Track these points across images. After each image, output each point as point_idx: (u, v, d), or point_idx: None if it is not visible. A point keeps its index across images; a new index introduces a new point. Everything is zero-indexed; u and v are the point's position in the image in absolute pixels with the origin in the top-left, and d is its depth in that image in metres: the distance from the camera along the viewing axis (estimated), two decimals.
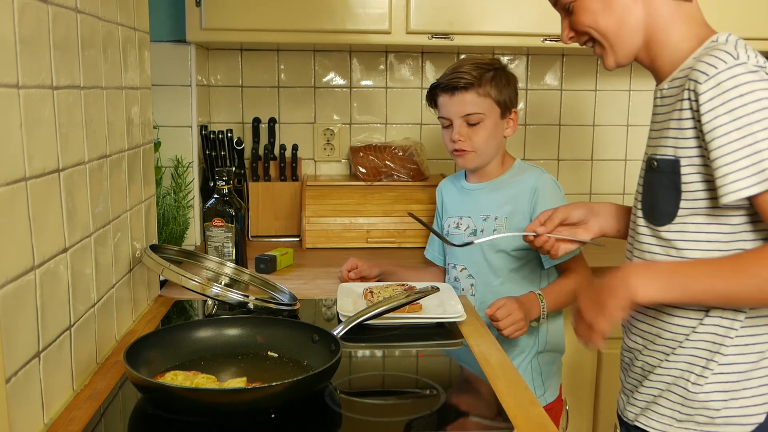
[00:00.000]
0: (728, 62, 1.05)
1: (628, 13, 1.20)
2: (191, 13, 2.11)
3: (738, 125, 1.03)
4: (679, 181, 1.13)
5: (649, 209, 1.20)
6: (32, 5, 0.97)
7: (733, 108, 1.04)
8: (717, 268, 1.09)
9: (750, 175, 1.03)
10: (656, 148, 1.19)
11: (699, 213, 1.13)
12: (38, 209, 0.99)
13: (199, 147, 2.29)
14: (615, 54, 1.24)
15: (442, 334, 1.46)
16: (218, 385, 1.11)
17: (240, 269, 1.68)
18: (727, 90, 1.04)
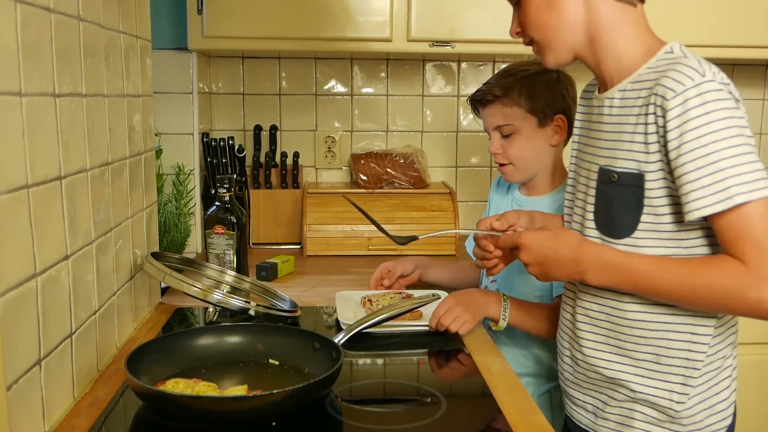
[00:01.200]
0: (695, 79, 1.05)
1: (569, 10, 1.18)
2: (193, 21, 2.12)
3: (703, 142, 1.03)
4: (643, 195, 1.13)
5: (604, 221, 1.19)
6: (35, 13, 0.97)
7: (698, 125, 1.04)
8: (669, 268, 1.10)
9: (712, 193, 1.03)
10: (611, 159, 1.17)
11: (660, 229, 1.13)
12: (40, 217, 0.99)
13: (201, 154, 2.29)
14: (553, 51, 1.22)
15: (443, 342, 1.46)
16: (219, 392, 1.11)
17: (240, 277, 1.68)
18: (694, 107, 1.04)
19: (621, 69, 1.18)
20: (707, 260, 1.10)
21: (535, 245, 1.19)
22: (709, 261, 1.09)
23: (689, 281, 1.07)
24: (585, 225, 1.23)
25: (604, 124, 1.21)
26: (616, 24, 1.17)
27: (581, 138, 1.31)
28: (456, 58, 2.54)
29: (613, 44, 1.17)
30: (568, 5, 1.18)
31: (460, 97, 2.58)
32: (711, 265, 1.07)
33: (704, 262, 1.09)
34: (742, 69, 2.67)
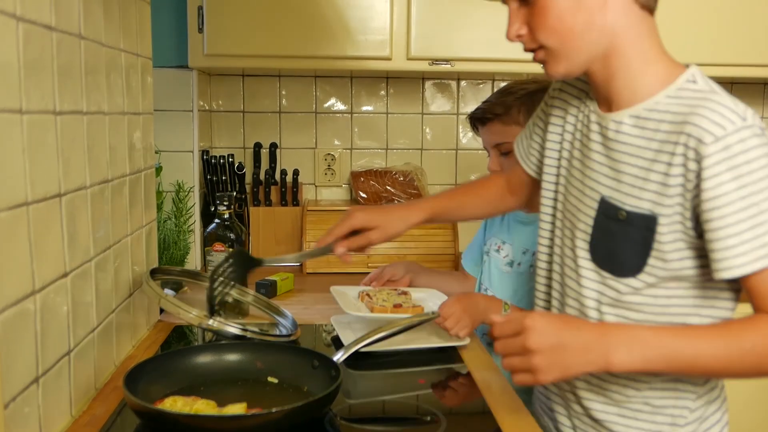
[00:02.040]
0: (736, 123, 0.96)
1: (596, 14, 1.04)
2: (194, 40, 2.13)
3: (743, 194, 0.94)
4: (653, 239, 1.03)
5: (606, 257, 1.09)
6: (37, 31, 0.98)
7: (740, 175, 0.94)
8: (706, 339, 0.97)
9: (752, 250, 0.94)
10: (617, 193, 1.07)
11: (666, 275, 1.05)
12: (39, 234, 0.99)
13: (201, 172, 2.29)
14: (568, 60, 1.06)
15: (443, 360, 1.46)
16: (218, 410, 1.10)
17: (243, 290, 1.67)
18: (736, 155, 0.94)
19: (634, 90, 1.06)
20: (748, 323, 0.97)
21: (549, 327, 0.98)
22: (750, 323, 0.97)
23: (737, 349, 0.95)
24: (577, 254, 1.13)
25: (607, 149, 1.10)
26: (637, 35, 1.05)
27: (573, 152, 1.18)
28: (455, 76, 2.56)
29: (630, 60, 1.06)
30: (597, 9, 1.03)
31: (460, 115, 2.59)
32: (753, 326, 0.96)
33: (745, 326, 0.97)
34: (741, 87, 2.68)
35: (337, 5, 2.14)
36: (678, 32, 2.22)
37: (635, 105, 1.06)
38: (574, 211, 1.16)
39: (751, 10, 2.23)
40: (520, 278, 1.70)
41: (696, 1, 2.22)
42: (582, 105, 1.18)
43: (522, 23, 1.07)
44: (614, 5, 1.03)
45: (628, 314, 1.09)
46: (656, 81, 1.05)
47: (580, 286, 1.14)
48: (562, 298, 1.20)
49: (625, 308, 1.10)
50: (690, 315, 1.07)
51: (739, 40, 2.24)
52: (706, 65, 2.30)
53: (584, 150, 1.15)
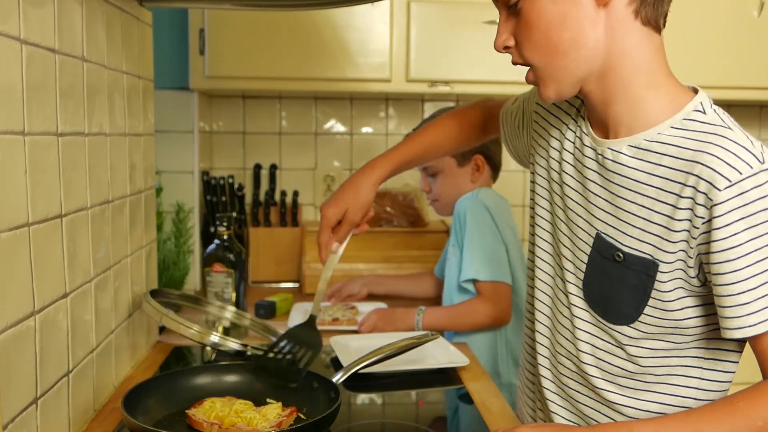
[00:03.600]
0: (754, 167, 0.86)
1: (588, 31, 0.93)
2: (195, 62, 2.15)
3: (759, 245, 0.86)
4: (652, 285, 0.94)
5: (598, 299, 1.01)
6: (40, 54, 0.99)
7: (755, 224, 0.85)
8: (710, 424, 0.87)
9: (764, 308, 0.86)
10: (614, 231, 0.97)
11: (664, 325, 0.96)
12: (40, 255, 0.99)
13: (201, 193, 2.30)
14: (557, 82, 0.97)
15: (442, 381, 1.45)
16: (256, 410, 1.13)
17: (241, 313, 1.67)
18: (752, 202, 0.85)
19: (634, 117, 0.96)
20: (756, 396, 0.87)
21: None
22: (758, 395, 0.87)
23: (746, 425, 0.86)
24: (569, 291, 1.04)
25: (604, 179, 0.99)
26: (640, 54, 0.94)
27: (563, 177, 1.07)
28: (454, 98, 2.57)
29: (633, 83, 0.95)
30: (588, 24, 0.93)
31: None
32: (761, 398, 0.87)
33: (754, 401, 0.86)
34: (737, 109, 2.70)
35: (337, 28, 2.17)
36: (674, 55, 2.24)
37: (635, 134, 0.96)
38: (568, 245, 1.06)
39: (748, 33, 2.25)
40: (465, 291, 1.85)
41: (692, 24, 2.24)
42: (572, 123, 1.07)
43: (510, 34, 0.99)
44: (610, 21, 0.93)
45: (625, 365, 1.01)
46: (659, 108, 0.95)
47: (573, 327, 1.05)
48: (553, 337, 1.11)
49: (622, 358, 1.01)
50: (691, 371, 0.99)
51: (734, 62, 2.26)
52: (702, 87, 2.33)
53: (579, 176, 1.05)
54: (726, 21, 2.25)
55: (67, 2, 1.09)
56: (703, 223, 0.88)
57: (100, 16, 1.25)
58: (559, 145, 1.09)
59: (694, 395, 0.99)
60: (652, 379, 1.00)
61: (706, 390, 0.99)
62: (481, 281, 1.78)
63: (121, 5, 1.36)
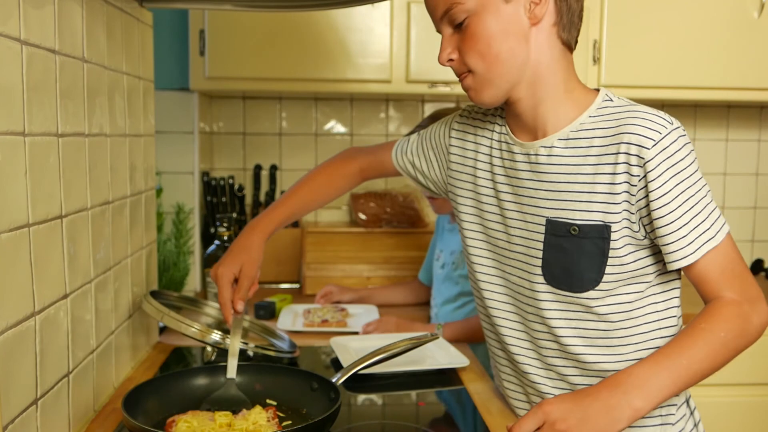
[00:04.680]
0: (667, 127, 1.05)
1: (523, 44, 1.10)
2: (195, 63, 2.15)
3: (683, 188, 1.05)
4: (608, 246, 1.09)
5: (560, 275, 1.13)
6: (40, 55, 0.99)
7: (678, 171, 1.04)
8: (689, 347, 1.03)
9: (699, 235, 1.05)
10: (564, 211, 1.12)
11: (623, 278, 1.10)
12: (40, 255, 0.99)
13: (201, 193, 2.30)
14: (494, 87, 1.12)
15: (442, 381, 1.45)
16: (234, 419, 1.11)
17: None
18: (672, 154, 1.04)
19: (558, 116, 1.13)
20: (709, 316, 1.06)
21: (566, 405, 1.01)
22: (712, 315, 1.06)
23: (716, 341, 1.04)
24: (532, 281, 1.16)
25: (541, 174, 1.14)
26: (559, 67, 1.13)
27: (498, 186, 1.21)
28: (454, 98, 2.57)
29: (554, 87, 1.13)
30: (522, 39, 1.10)
31: None
32: (717, 316, 1.05)
33: (710, 319, 1.05)
34: (737, 110, 2.70)
35: (338, 29, 2.17)
36: (675, 57, 2.25)
37: (561, 129, 1.13)
38: (520, 241, 1.18)
39: (748, 34, 2.25)
40: (447, 279, 1.92)
41: (693, 25, 2.25)
42: (492, 141, 1.22)
43: (454, 48, 1.13)
44: (537, 39, 1.10)
45: (599, 326, 1.13)
46: (576, 106, 1.13)
47: (540, 310, 1.16)
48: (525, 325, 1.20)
49: (595, 320, 1.13)
50: (651, 316, 1.14)
51: (735, 64, 2.26)
52: (703, 89, 2.34)
53: (513, 181, 1.18)
54: (726, 22, 2.25)
55: (67, 3, 1.09)
56: (639, 180, 1.05)
57: (101, 16, 1.25)
58: (487, 158, 1.23)
59: (659, 335, 1.14)
60: (623, 334, 1.13)
61: (664, 328, 1.14)
62: None
63: (122, 6, 1.36)
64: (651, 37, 2.23)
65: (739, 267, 1.07)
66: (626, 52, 2.25)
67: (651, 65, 2.24)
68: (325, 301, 2.06)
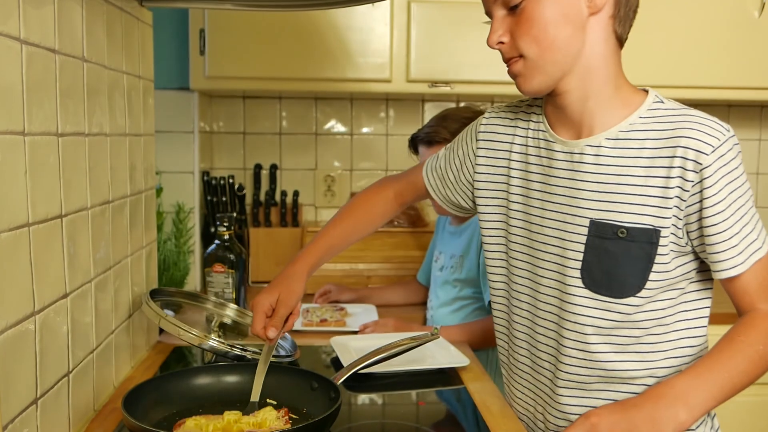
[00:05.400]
0: (725, 134, 1.04)
1: (580, 32, 1.07)
2: (195, 62, 2.15)
3: (735, 197, 1.04)
4: (655, 252, 1.06)
5: (600, 279, 1.10)
6: (40, 54, 0.99)
7: (732, 180, 1.03)
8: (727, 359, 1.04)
9: (745, 248, 1.04)
10: (611, 213, 1.08)
11: (666, 285, 1.09)
12: (40, 255, 0.99)
13: (201, 193, 2.30)
14: (543, 74, 1.08)
15: (442, 381, 1.45)
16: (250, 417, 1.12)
17: (243, 311, 1.67)
18: (728, 162, 1.03)
19: (607, 114, 1.10)
20: (746, 328, 1.06)
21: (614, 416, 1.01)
22: (749, 326, 1.06)
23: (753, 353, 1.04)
24: (567, 283, 1.13)
25: (584, 173, 1.11)
26: (611, 61, 1.10)
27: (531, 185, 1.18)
28: (455, 98, 2.57)
29: (604, 82, 1.09)
30: (580, 27, 1.06)
31: None
32: (754, 328, 1.05)
33: (747, 331, 1.05)
34: (738, 110, 2.70)
35: (338, 28, 2.17)
36: (677, 56, 2.24)
37: (609, 129, 1.10)
38: (554, 242, 1.14)
39: (748, 33, 2.25)
40: (445, 282, 1.93)
41: (694, 24, 2.24)
42: (528, 138, 1.19)
43: (506, 31, 1.09)
44: (594, 29, 1.07)
45: (632, 333, 1.11)
46: (625, 105, 1.10)
47: (571, 314, 1.12)
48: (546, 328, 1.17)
49: (629, 327, 1.11)
50: (680, 324, 1.12)
51: (736, 63, 2.26)
52: (704, 88, 2.34)
53: (549, 180, 1.15)
54: (727, 21, 2.25)
55: (67, 2, 1.09)
56: (693, 186, 1.03)
57: (101, 16, 1.25)
58: (522, 156, 1.20)
59: (687, 344, 1.13)
60: (654, 340, 1.12)
61: (693, 337, 1.13)
62: None
63: (122, 5, 1.36)
64: (651, 37, 2.23)
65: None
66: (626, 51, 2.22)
67: (651, 64, 2.23)
68: (324, 300, 2.07)
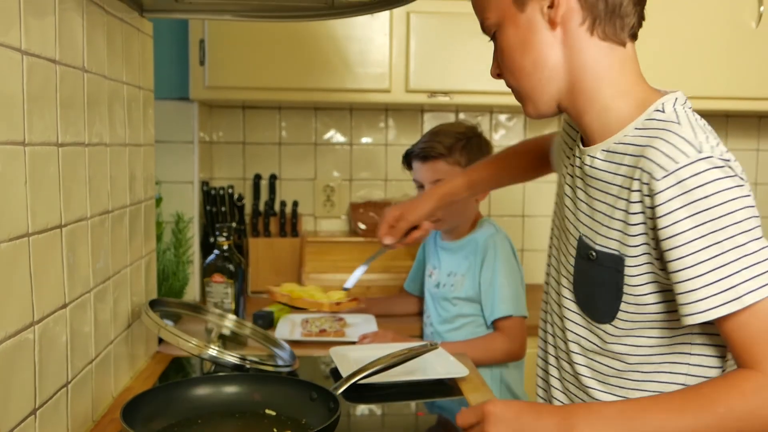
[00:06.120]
0: (690, 155, 0.88)
1: (547, 52, 0.99)
2: (195, 72, 2.16)
3: (703, 232, 0.87)
4: (622, 281, 0.97)
5: (585, 301, 1.04)
6: (41, 64, 0.99)
7: (696, 212, 0.87)
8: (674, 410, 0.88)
9: (717, 293, 0.86)
10: (591, 231, 1.01)
11: (644, 319, 0.97)
12: (40, 265, 0.99)
13: (200, 203, 2.30)
14: (533, 101, 1.04)
15: (441, 391, 1.45)
16: None
17: (242, 322, 1.67)
18: (691, 190, 0.87)
19: (605, 125, 1.00)
20: (722, 384, 0.89)
21: (507, 413, 0.94)
22: (723, 383, 0.89)
23: (709, 417, 0.86)
24: (561, 294, 1.09)
25: (585, 185, 1.05)
26: (602, 68, 0.99)
27: (565, 189, 1.13)
28: (454, 108, 2.58)
29: (598, 94, 1.00)
30: (545, 47, 0.99)
31: None
32: (727, 387, 0.88)
33: (718, 387, 0.89)
34: (736, 120, 2.71)
35: (337, 39, 2.17)
36: (672, 66, 2.25)
37: (608, 139, 1.00)
38: (563, 251, 1.11)
39: (746, 44, 2.26)
40: (443, 299, 1.92)
41: (691, 35, 2.25)
42: (575, 142, 1.13)
43: (496, 62, 1.08)
44: (567, 41, 0.99)
45: (613, 363, 1.03)
46: (628, 113, 0.99)
47: (564, 330, 1.09)
48: (547, 343, 1.17)
49: (609, 357, 1.03)
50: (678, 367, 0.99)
51: (733, 73, 2.27)
52: (700, 98, 2.34)
53: (573, 187, 1.09)
54: (724, 32, 2.26)
55: (68, 13, 1.09)
56: (650, 212, 0.91)
57: (101, 26, 1.25)
58: (569, 165, 1.14)
59: None
60: (640, 377, 1.01)
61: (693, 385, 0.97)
62: (506, 317, 1.81)
63: (122, 16, 1.37)
64: (648, 47, 2.23)
65: None
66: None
67: (649, 75, 2.23)
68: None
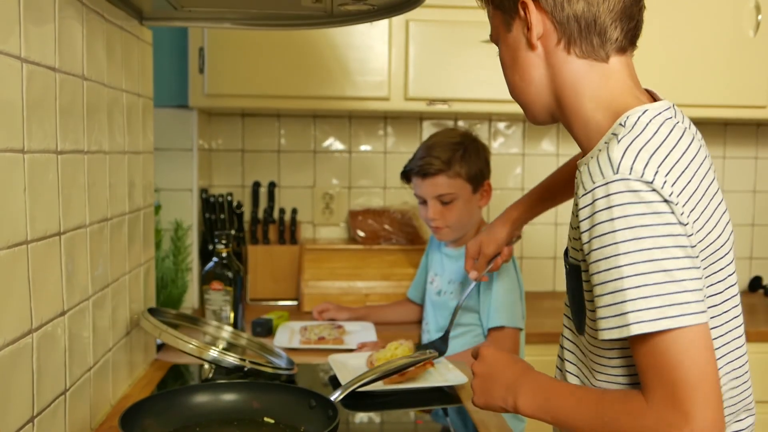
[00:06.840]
0: (606, 176, 0.87)
1: (531, 69, 1.03)
2: (194, 80, 2.16)
3: (605, 254, 0.87)
4: (581, 291, 0.98)
5: (570, 312, 1.06)
6: (40, 72, 0.99)
7: (601, 234, 0.87)
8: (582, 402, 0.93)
9: (610, 316, 0.87)
10: (569, 244, 1.03)
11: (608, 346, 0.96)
12: (38, 272, 0.99)
13: (199, 210, 2.30)
14: (529, 111, 1.08)
15: (441, 399, 1.45)
16: None
17: (238, 333, 1.67)
18: (598, 211, 0.87)
19: (588, 137, 1.00)
20: (622, 395, 0.91)
21: (489, 358, 1.06)
22: (623, 396, 0.91)
23: (599, 417, 0.90)
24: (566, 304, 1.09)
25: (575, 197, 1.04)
26: (582, 84, 1.00)
27: None
28: (453, 116, 2.58)
29: (580, 109, 1.00)
30: (529, 65, 1.02)
31: None
32: (622, 400, 0.90)
33: (617, 397, 0.91)
34: (734, 128, 2.71)
35: (336, 47, 2.18)
36: (672, 75, 2.26)
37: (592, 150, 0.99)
38: None
39: (744, 52, 2.27)
40: (443, 307, 1.91)
41: (689, 44, 2.26)
42: None
43: None
44: (548, 61, 1.01)
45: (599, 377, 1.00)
46: (606, 125, 0.98)
47: (562, 338, 1.10)
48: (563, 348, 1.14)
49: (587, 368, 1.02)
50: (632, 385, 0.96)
51: (731, 82, 2.28)
52: (699, 106, 2.35)
53: None
54: (722, 40, 2.26)
55: (67, 21, 1.09)
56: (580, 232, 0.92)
57: (101, 34, 1.25)
58: None
59: None
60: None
61: None
62: (499, 327, 1.80)
63: (122, 24, 1.37)
64: (647, 56, 2.24)
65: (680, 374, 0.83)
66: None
67: (647, 83, 2.24)
68: (321, 317, 2.06)
